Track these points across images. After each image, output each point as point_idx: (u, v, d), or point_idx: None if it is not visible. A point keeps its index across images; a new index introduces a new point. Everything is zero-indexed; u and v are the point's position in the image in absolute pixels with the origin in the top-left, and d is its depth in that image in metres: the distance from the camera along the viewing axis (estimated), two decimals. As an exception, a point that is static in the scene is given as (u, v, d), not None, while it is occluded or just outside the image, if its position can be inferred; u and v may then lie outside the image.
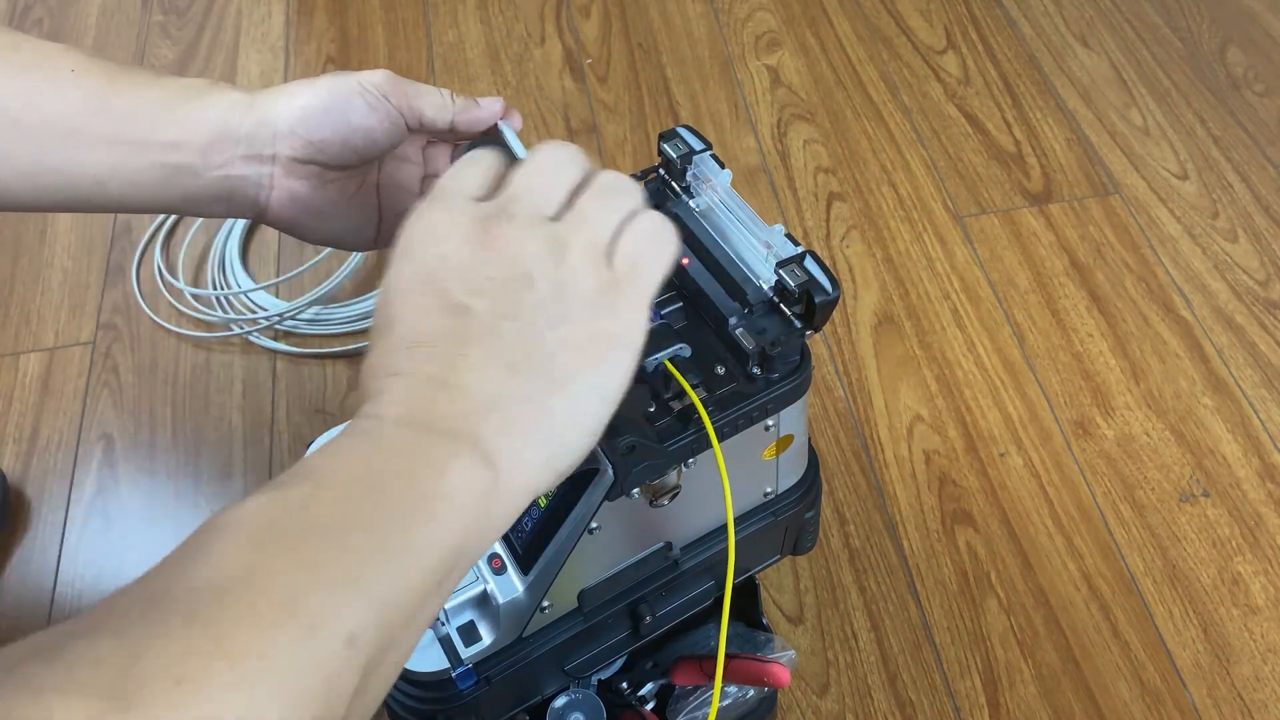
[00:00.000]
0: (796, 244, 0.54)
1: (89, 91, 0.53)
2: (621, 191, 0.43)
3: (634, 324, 0.41)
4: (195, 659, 0.29)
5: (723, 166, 0.57)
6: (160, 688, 0.28)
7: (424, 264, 0.40)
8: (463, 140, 0.60)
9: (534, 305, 0.39)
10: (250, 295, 1.09)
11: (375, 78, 0.55)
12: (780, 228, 0.54)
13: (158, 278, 1.11)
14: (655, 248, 0.42)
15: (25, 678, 0.27)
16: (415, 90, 0.56)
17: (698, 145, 0.58)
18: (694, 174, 0.59)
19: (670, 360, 0.53)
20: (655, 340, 0.54)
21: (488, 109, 0.58)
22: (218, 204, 0.56)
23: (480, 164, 0.45)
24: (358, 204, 0.58)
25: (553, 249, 0.40)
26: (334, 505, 0.34)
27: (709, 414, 0.52)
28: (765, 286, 0.55)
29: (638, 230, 0.42)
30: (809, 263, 0.52)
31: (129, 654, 0.28)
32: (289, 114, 0.54)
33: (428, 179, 0.62)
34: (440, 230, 0.41)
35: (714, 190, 0.58)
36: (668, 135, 0.59)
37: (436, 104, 0.57)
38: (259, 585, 0.31)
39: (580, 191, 0.43)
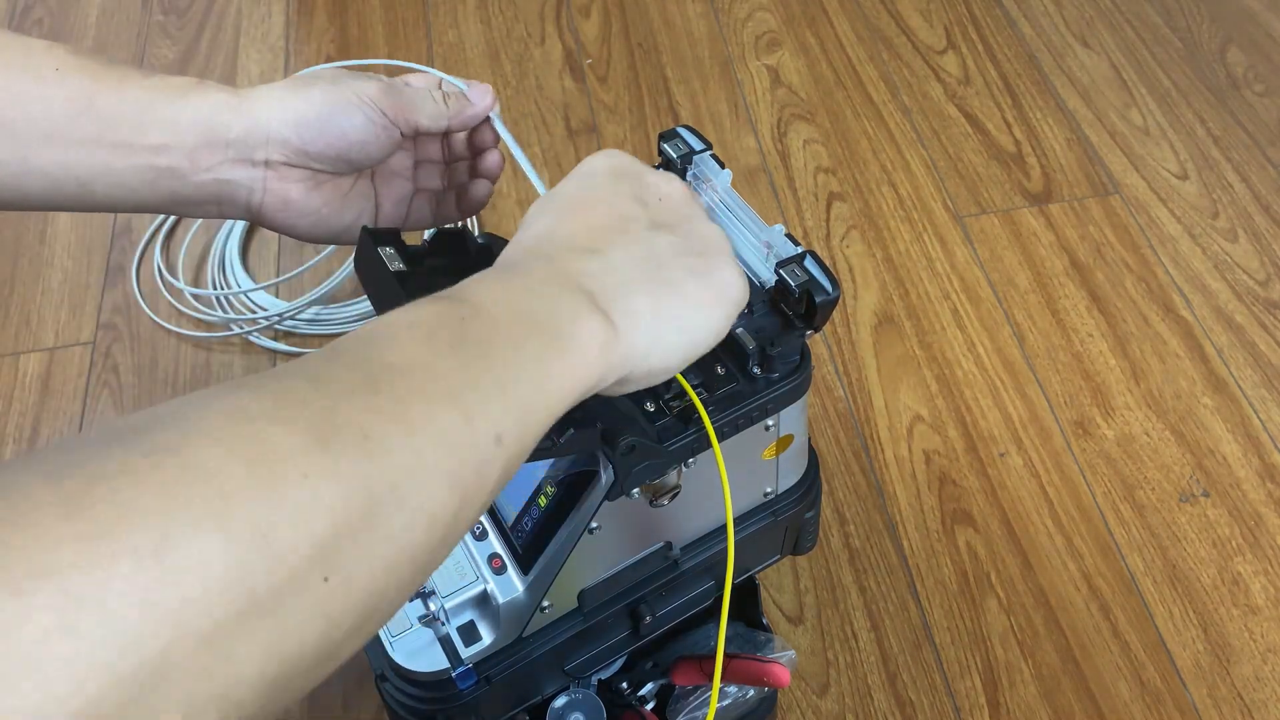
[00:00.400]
0: (796, 244, 0.54)
1: (73, 91, 0.52)
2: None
3: (738, 286, 0.47)
4: (380, 421, 0.32)
5: (723, 166, 0.57)
6: (351, 438, 0.31)
7: (606, 185, 0.48)
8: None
9: (683, 237, 0.47)
10: (250, 295, 1.09)
11: (370, 90, 0.54)
12: (780, 228, 0.54)
13: (158, 278, 1.11)
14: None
15: (237, 406, 0.31)
16: (411, 103, 0.56)
17: (698, 145, 0.58)
18: (694, 174, 0.59)
19: None
20: None
21: (480, 105, 0.59)
22: (208, 206, 0.56)
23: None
24: (352, 200, 0.58)
25: (702, 213, 0.50)
26: (490, 324, 0.38)
27: (709, 414, 0.52)
28: (765, 286, 0.55)
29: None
30: (809, 263, 0.52)
31: (328, 403, 0.32)
32: (281, 122, 0.53)
33: (420, 164, 0.62)
34: (637, 173, 0.49)
35: (714, 190, 0.58)
36: (668, 135, 0.59)
37: (432, 113, 0.57)
38: (431, 375, 0.35)
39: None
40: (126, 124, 0.53)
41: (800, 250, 0.53)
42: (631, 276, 0.44)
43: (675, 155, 0.58)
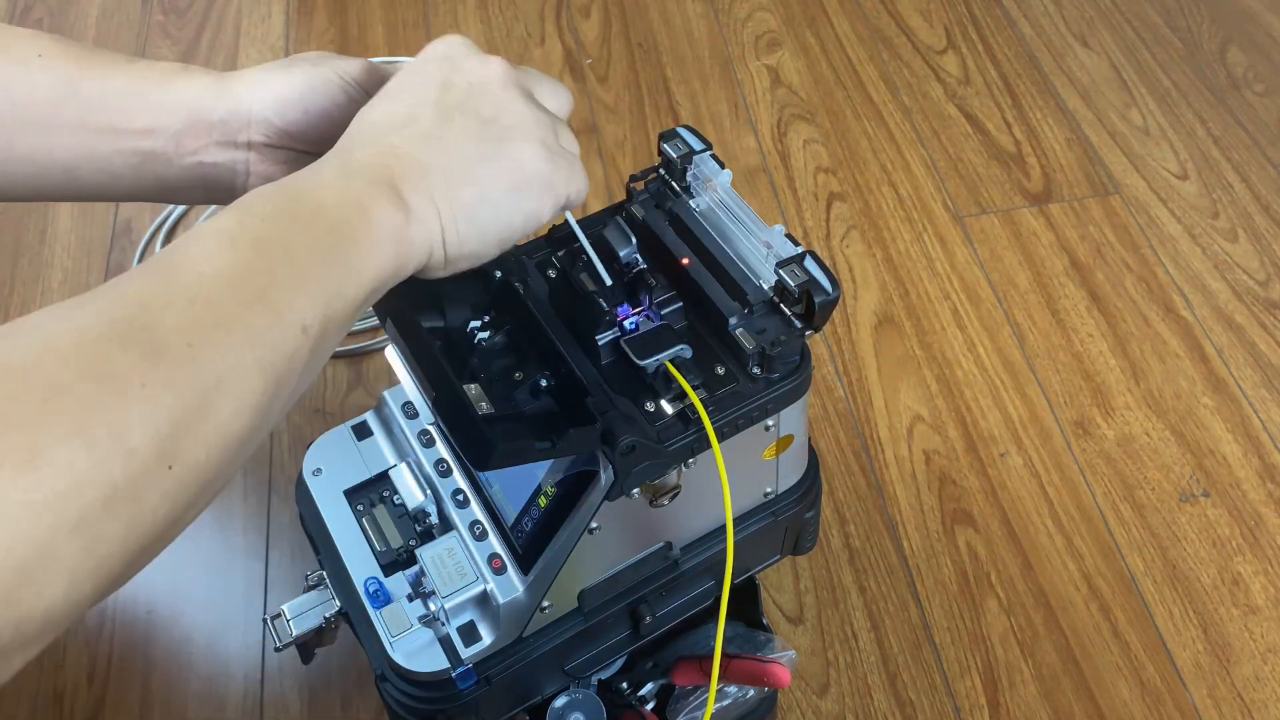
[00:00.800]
0: (796, 244, 0.54)
1: (57, 77, 0.52)
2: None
3: (538, 166, 0.49)
4: (201, 329, 0.37)
5: (723, 166, 0.57)
6: (177, 347, 0.36)
7: (420, 71, 0.50)
8: None
9: (479, 122, 0.48)
10: (250, 295, 1.09)
11: (353, 69, 0.54)
12: (780, 228, 0.54)
13: (158, 278, 1.11)
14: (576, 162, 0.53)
15: (80, 328, 0.36)
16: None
17: (698, 145, 0.58)
18: (694, 174, 0.59)
19: (670, 360, 0.53)
20: (656, 340, 0.54)
21: None
22: (194, 191, 0.55)
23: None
24: None
25: (520, 100, 0.50)
26: (291, 224, 0.42)
27: (709, 414, 0.52)
28: (765, 286, 0.55)
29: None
30: (809, 263, 0.52)
31: (155, 318, 0.37)
32: (262, 102, 0.53)
33: None
34: (455, 58, 0.50)
35: (714, 190, 0.58)
36: (668, 135, 0.59)
37: None
38: (238, 278, 0.39)
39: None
40: (111, 108, 0.52)
41: (800, 250, 0.53)
42: (424, 162, 0.46)
43: (675, 155, 0.58)
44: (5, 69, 0.52)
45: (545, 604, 0.56)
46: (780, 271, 0.52)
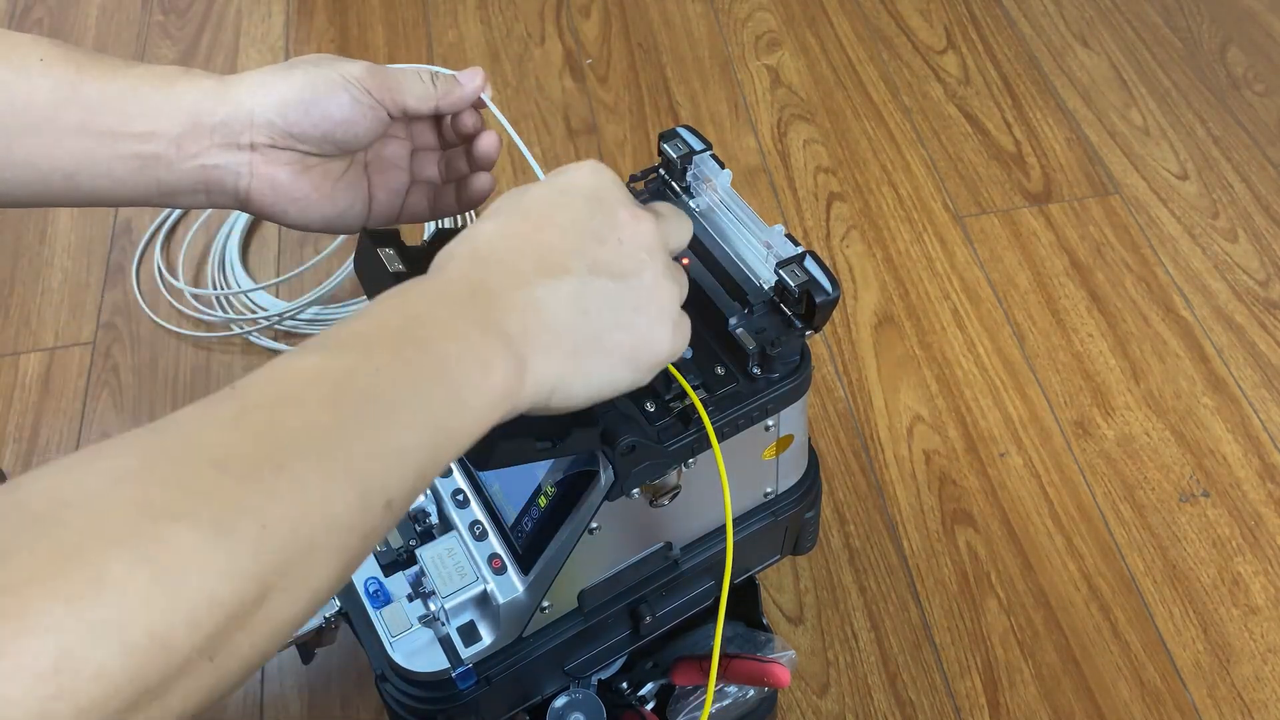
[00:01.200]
0: (796, 244, 0.54)
1: (58, 80, 0.52)
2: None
3: (667, 349, 0.47)
4: (279, 507, 0.33)
5: (723, 166, 0.57)
6: (250, 529, 0.32)
7: (571, 208, 0.46)
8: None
9: (625, 288, 0.45)
10: (250, 295, 1.09)
11: (356, 70, 0.54)
12: (780, 228, 0.54)
13: (158, 278, 1.11)
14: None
15: (144, 501, 0.31)
16: (397, 82, 0.55)
17: (698, 145, 0.58)
18: (694, 174, 0.59)
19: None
20: None
21: (469, 86, 0.58)
22: (196, 195, 0.55)
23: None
24: (344, 187, 0.57)
25: (661, 264, 0.47)
26: (396, 376, 0.38)
27: (709, 414, 0.52)
28: (765, 286, 0.55)
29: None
30: (809, 263, 0.52)
31: (231, 489, 0.32)
32: (264, 105, 0.53)
33: (417, 152, 0.61)
34: (608, 204, 0.46)
35: (714, 190, 0.58)
36: (668, 135, 0.59)
37: (419, 93, 0.56)
38: (330, 445, 0.35)
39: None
40: (112, 112, 0.52)
41: (800, 250, 0.53)
42: (556, 321, 0.43)
43: (675, 155, 0.58)
44: (5, 74, 0.52)
45: (545, 604, 0.56)
46: (780, 271, 0.52)
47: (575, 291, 0.43)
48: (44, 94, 0.52)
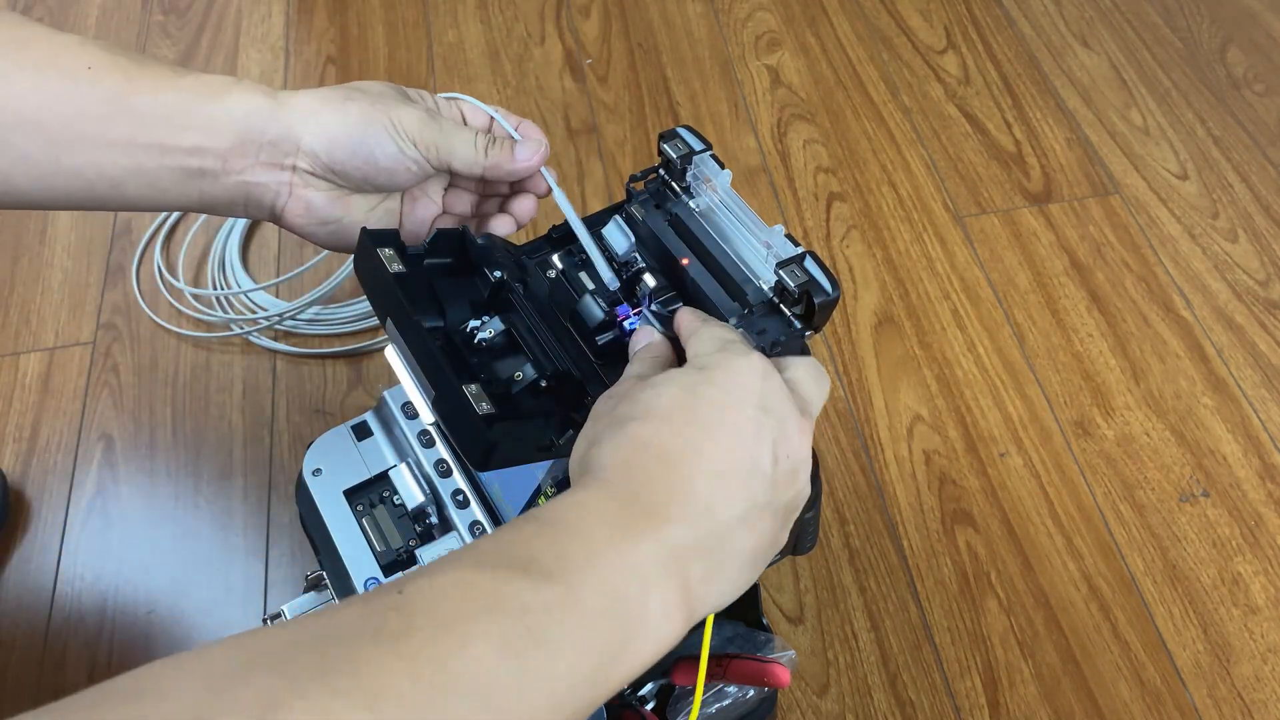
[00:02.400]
0: (796, 244, 0.54)
1: (108, 92, 0.51)
2: None
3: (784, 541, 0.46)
4: None
5: (723, 166, 0.57)
6: None
7: (751, 420, 0.43)
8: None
9: (783, 507, 0.44)
10: (250, 295, 1.09)
11: (409, 122, 0.53)
12: (780, 228, 0.54)
13: (158, 278, 1.11)
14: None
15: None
16: (446, 141, 0.55)
17: (698, 145, 0.58)
18: (694, 174, 0.59)
19: None
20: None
21: (521, 165, 0.56)
22: (234, 206, 0.55)
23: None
24: (375, 215, 0.58)
25: (808, 465, 0.45)
26: (565, 621, 0.36)
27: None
28: (765, 287, 0.55)
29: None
30: (809, 263, 0.52)
31: None
32: (314, 135, 0.53)
33: (451, 190, 0.61)
34: (780, 416, 0.44)
35: (714, 190, 0.58)
36: (668, 135, 0.59)
37: (466, 158, 0.55)
38: (493, 699, 0.33)
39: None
40: (162, 125, 0.52)
41: (800, 250, 0.53)
42: (728, 555, 0.41)
43: (675, 155, 0.58)
44: (53, 81, 0.51)
45: (545, 604, 0.56)
46: (780, 272, 0.52)
47: (745, 518, 0.42)
48: (94, 105, 0.51)
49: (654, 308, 0.56)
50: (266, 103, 0.53)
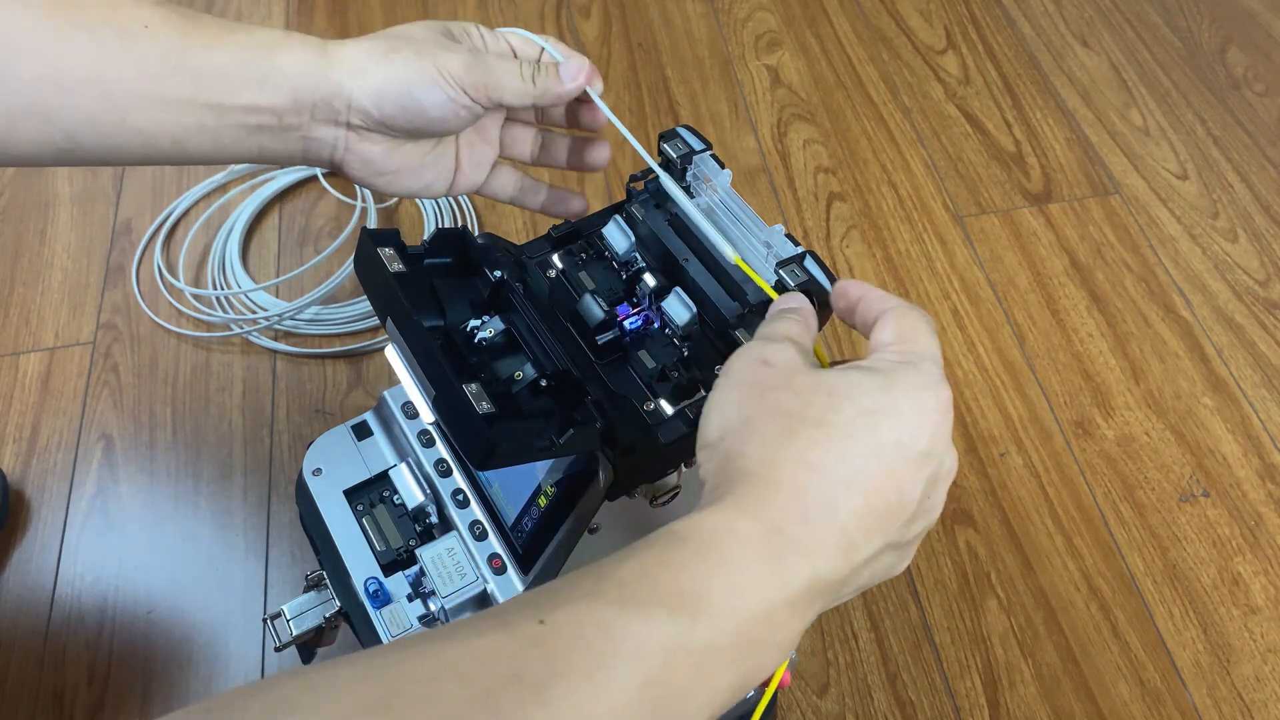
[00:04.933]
0: (796, 244, 0.54)
1: (166, 49, 0.52)
2: None
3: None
4: None
5: (723, 166, 0.57)
6: None
7: (914, 461, 0.42)
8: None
9: (914, 535, 0.43)
10: (250, 295, 1.09)
11: (454, 66, 0.53)
12: (780, 228, 0.54)
13: (158, 278, 1.11)
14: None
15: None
16: (494, 80, 0.55)
17: (698, 145, 0.58)
18: (694, 174, 0.59)
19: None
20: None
21: (569, 86, 0.57)
22: (294, 158, 0.56)
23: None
24: (432, 161, 0.58)
25: (935, 507, 0.44)
26: (712, 670, 0.35)
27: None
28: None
29: None
30: (809, 263, 0.52)
31: None
32: (362, 91, 0.53)
33: (509, 123, 0.61)
34: (938, 453, 0.43)
35: (714, 190, 0.58)
36: (668, 135, 0.59)
37: (515, 90, 0.56)
38: None
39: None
40: (219, 84, 0.52)
41: (800, 250, 0.53)
42: (850, 590, 0.41)
43: (675, 155, 0.58)
44: (111, 41, 0.51)
45: (545, 604, 0.56)
46: (780, 271, 0.52)
47: (877, 555, 0.41)
48: (151, 63, 0.51)
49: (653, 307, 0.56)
50: (316, 59, 0.54)
